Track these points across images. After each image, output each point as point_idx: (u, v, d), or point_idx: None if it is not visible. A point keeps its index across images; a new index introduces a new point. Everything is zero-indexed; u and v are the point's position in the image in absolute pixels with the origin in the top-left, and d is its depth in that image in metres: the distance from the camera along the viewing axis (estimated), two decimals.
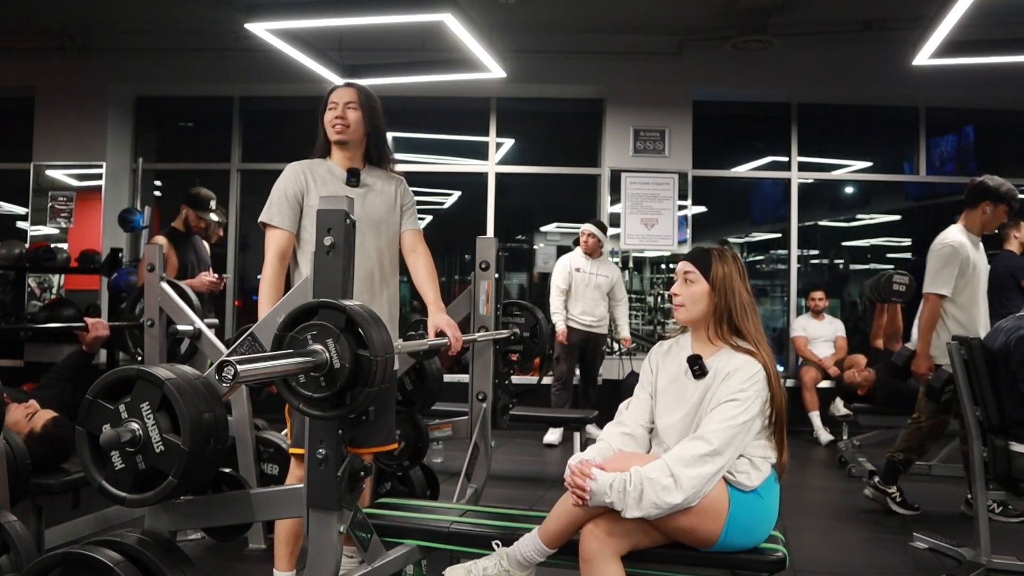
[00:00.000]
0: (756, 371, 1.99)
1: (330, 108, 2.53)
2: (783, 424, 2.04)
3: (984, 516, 3.01)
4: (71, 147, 6.87)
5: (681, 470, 1.89)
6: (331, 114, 2.52)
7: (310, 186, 2.48)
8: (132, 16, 6.43)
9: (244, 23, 4.81)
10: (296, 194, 2.46)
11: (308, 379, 1.62)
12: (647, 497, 1.87)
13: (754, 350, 2.04)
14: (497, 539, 2.12)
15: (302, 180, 2.48)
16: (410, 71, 5.84)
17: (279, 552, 2.42)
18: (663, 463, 1.91)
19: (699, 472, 1.89)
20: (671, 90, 6.68)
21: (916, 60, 5.05)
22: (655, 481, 1.88)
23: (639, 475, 1.89)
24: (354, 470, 1.80)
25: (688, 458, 1.90)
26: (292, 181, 2.48)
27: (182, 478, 1.58)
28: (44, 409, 2.73)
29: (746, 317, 2.07)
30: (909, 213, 7.74)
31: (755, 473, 1.99)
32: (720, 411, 1.96)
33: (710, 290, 2.07)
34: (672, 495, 1.87)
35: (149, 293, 3.14)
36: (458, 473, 3.10)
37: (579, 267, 5.76)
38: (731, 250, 2.16)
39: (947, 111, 7.07)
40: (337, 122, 2.51)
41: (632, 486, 1.88)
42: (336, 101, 2.53)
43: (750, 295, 2.11)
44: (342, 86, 2.61)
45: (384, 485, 3.22)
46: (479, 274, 3.09)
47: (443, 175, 7.60)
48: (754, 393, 1.97)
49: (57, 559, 1.74)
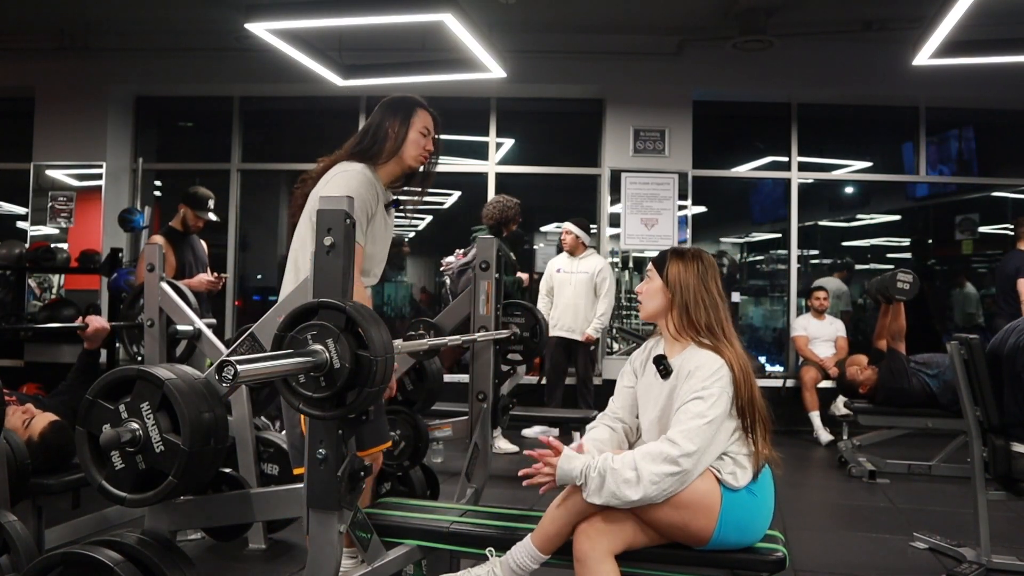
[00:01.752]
0: (718, 367, 1.99)
1: (423, 133, 2.43)
2: (757, 417, 2.01)
3: (984, 516, 3.01)
4: (71, 147, 6.87)
5: (645, 466, 1.90)
6: (424, 141, 2.43)
7: (380, 203, 2.37)
8: (132, 16, 6.43)
9: (244, 23, 4.81)
10: (371, 213, 2.33)
11: (308, 379, 1.62)
12: (607, 486, 1.90)
13: (719, 346, 2.04)
14: (496, 541, 2.12)
15: (376, 198, 2.35)
16: (410, 71, 5.84)
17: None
18: (631, 457, 1.93)
19: (662, 471, 1.89)
20: (671, 90, 6.68)
21: (916, 60, 5.05)
22: (618, 472, 1.90)
23: (605, 463, 1.92)
24: (354, 470, 1.80)
25: (653, 456, 1.91)
26: (371, 198, 2.33)
27: (182, 478, 1.58)
28: (43, 413, 2.69)
29: (702, 313, 2.09)
30: (909, 213, 7.75)
31: (740, 472, 1.99)
32: (684, 410, 1.96)
33: (663, 286, 2.14)
34: (632, 490, 1.89)
35: (149, 293, 3.14)
36: (458, 473, 3.10)
37: (559, 267, 5.77)
38: (699, 251, 2.20)
39: (947, 111, 7.07)
40: (426, 154, 2.45)
41: (595, 472, 1.91)
42: (430, 128, 2.45)
43: (713, 293, 2.13)
44: (431, 112, 2.49)
45: (384, 485, 3.22)
46: (479, 274, 3.09)
47: (443, 175, 7.56)
48: (718, 390, 1.97)
49: (57, 559, 1.74)
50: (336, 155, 2.43)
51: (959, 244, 7.33)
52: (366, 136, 2.43)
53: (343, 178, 2.31)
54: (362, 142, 2.42)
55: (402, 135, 2.40)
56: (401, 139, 2.40)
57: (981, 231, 7.29)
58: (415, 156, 2.42)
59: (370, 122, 2.46)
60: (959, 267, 7.38)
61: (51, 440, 2.61)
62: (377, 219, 2.37)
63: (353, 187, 2.25)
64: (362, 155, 2.40)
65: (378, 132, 2.41)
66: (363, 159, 2.39)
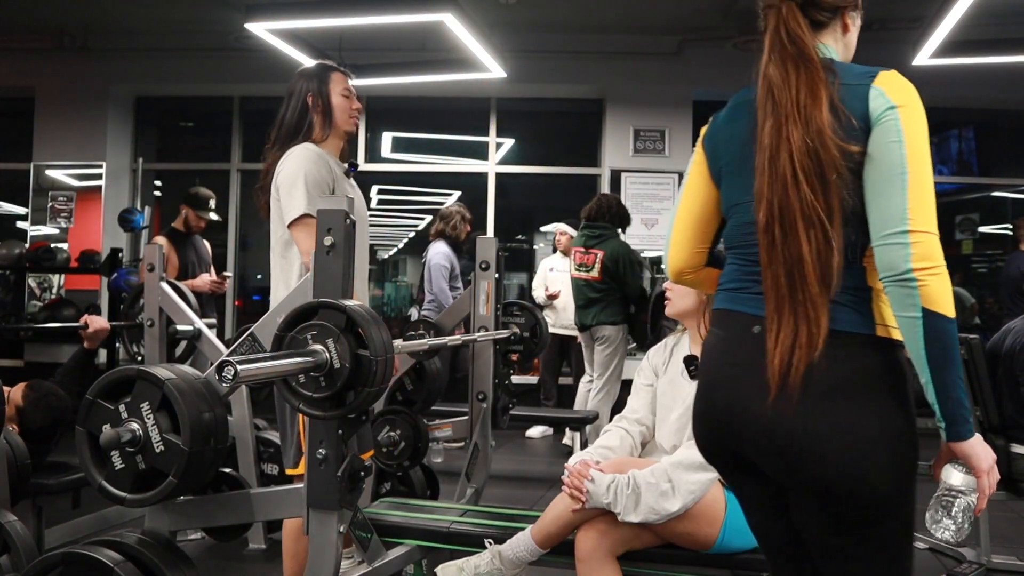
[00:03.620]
0: None
1: (345, 95, 2.34)
2: None
3: (984, 516, 3.01)
4: (71, 147, 6.87)
5: (680, 476, 1.88)
6: (348, 103, 2.34)
7: (336, 176, 2.28)
8: (132, 16, 6.43)
9: (244, 23, 4.81)
10: (329, 184, 2.22)
11: (308, 379, 1.62)
12: (645, 502, 1.86)
13: None
14: (495, 541, 2.12)
15: (331, 169, 2.25)
16: (410, 71, 5.84)
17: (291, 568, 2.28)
18: (662, 468, 1.90)
19: (698, 479, 1.88)
20: (671, 90, 6.68)
21: (916, 60, 5.05)
22: (653, 486, 1.87)
23: (637, 479, 1.88)
24: (354, 470, 1.80)
25: (687, 464, 1.89)
26: (323, 169, 2.23)
27: (182, 478, 1.58)
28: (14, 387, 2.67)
29: None
30: None
31: None
32: None
33: None
34: (670, 502, 1.86)
35: (149, 293, 3.14)
36: (458, 473, 3.10)
37: (553, 267, 5.78)
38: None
39: (947, 111, 7.06)
40: (356, 113, 2.37)
41: (630, 489, 1.88)
42: (351, 89, 2.37)
43: None
44: (343, 71, 2.41)
45: (384, 485, 3.22)
46: (479, 274, 3.09)
47: (443, 175, 7.60)
48: None
49: (57, 559, 1.74)
50: (272, 155, 2.33)
51: (959, 244, 7.33)
52: (285, 117, 2.33)
53: (288, 163, 2.22)
54: (284, 124, 2.32)
55: (325, 101, 2.30)
56: (326, 106, 2.30)
57: (981, 231, 7.29)
58: (349, 120, 2.34)
59: (284, 103, 2.35)
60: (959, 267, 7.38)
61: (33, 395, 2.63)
62: (339, 191, 2.26)
63: (301, 165, 2.18)
64: (292, 136, 2.29)
65: (297, 106, 2.31)
66: (297, 139, 2.28)
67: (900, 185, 1.20)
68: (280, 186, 2.22)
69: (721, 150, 1.46)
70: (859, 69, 1.31)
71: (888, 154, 1.21)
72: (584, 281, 4.71)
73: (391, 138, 7.40)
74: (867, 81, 1.27)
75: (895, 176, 1.20)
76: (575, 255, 4.79)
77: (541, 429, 5.91)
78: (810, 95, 1.25)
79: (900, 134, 1.22)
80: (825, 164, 1.22)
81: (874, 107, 1.24)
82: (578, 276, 4.75)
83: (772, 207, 1.24)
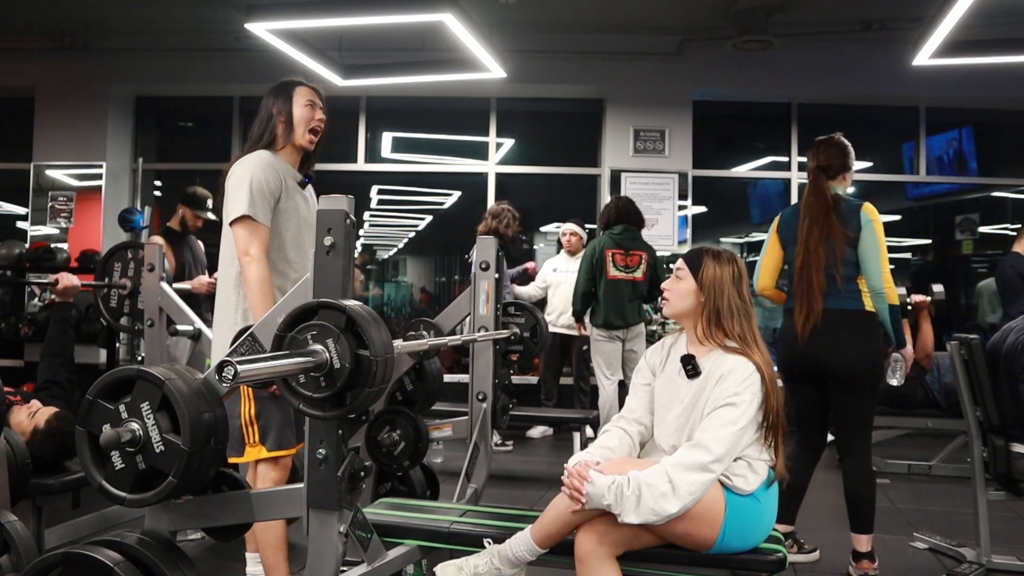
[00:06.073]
0: (750, 373, 1.99)
1: (308, 105, 2.45)
2: (779, 427, 2.02)
3: (984, 516, 3.01)
4: (71, 147, 6.87)
5: (680, 477, 1.87)
6: (311, 113, 2.45)
7: (288, 185, 2.40)
8: (132, 16, 6.43)
9: (244, 23, 4.81)
10: (275, 192, 2.37)
11: (308, 379, 1.62)
12: (645, 503, 1.86)
13: (746, 350, 2.03)
14: (495, 541, 2.12)
15: (280, 178, 2.39)
16: (410, 71, 5.84)
17: (273, 562, 2.38)
18: (662, 469, 1.89)
19: (698, 479, 1.88)
20: (671, 90, 6.68)
21: (916, 60, 5.05)
22: (653, 487, 1.86)
23: (637, 480, 1.88)
24: (354, 470, 1.80)
25: (687, 465, 1.89)
26: (272, 177, 2.37)
27: (182, 478, 1.58)
28: (47, 407, 2.75)
29: (735, 320, 2.07)
30: (909, 213, 7.74)
31: (752, 476, 1.98)
32: (717, 416, 1.95)
33: (697, 288, 2.10)
34: (670, 502, 1.86)
35: (149, 293, 3.14)
36: (458, 473, 3.10)
37: (556, 267, 5.79)
38: (733, 255, 2.16)
39: (947, 111, 7.07)
40: (319, 124, 2.46)
41: (630, 491, 1.87)
42: (315, 101, 2.47)
43: (745, 299, 2.11)
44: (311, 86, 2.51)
45: (384, 485, 3.21)
46: (479, 274, 3.09)
47: (443, 175, 7.60)
48: (750, 396, 1.96)
49: (57, 559, 1.73)
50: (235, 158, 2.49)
51: (959, 244, 7.33)
52: (255, 128, 2.49)
53: (238, 168, 2.38)
54: (251, 138, 2.49)
55: (287, 113, 2.44)
56: (288, 118, 2.43)
57: (981, 231, 7.29)
58: (308, 135, 2.45)
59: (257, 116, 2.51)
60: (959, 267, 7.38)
61: (56, 427, 2.65)
62: (290, 200, 2.39)
63: (248, 170, 2.33)
64: (256, 146, 2.45)
65: (265, 119, 2.46)
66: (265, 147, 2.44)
67: (876, 257, 2.93)
68: (228, 188, 2.39)
69: (783, 231, 3.15)
70: (852, 201, 3.02)
71: (870, 243, 2.93)
72: (626, 281, 4.73)
73: (391, 138, 7.40)
74: (857, 206, 2.98)
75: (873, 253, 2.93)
76: (613, 256, 4.72)
77: (541, 429, 5.92)
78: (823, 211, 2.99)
79: (874, 235, 2.93)
80: (834, 240, 2.93)
81: (863, 221, 2.94)
82: (619, 277, 4.72)
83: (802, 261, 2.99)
